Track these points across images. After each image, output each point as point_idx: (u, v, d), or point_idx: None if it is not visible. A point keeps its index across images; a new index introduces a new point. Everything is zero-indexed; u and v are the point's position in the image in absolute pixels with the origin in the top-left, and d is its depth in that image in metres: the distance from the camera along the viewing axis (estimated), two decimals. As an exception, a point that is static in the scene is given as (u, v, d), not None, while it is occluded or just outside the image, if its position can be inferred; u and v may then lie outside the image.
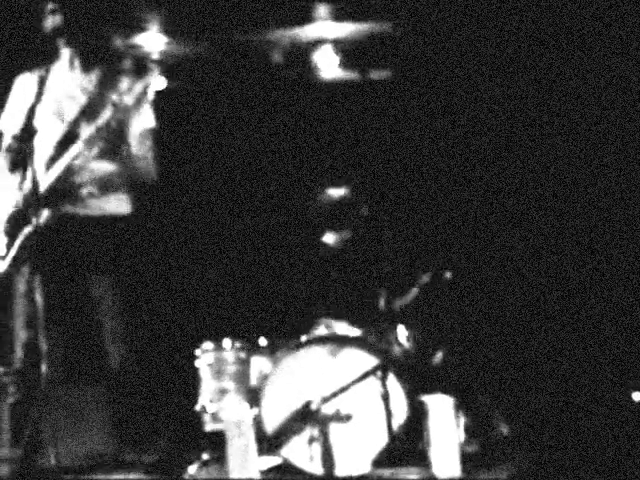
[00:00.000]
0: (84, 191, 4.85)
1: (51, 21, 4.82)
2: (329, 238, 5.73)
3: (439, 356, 5.43)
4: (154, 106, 4.95)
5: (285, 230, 7.04)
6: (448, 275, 5.49)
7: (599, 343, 6.43)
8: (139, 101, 4.70)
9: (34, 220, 4.60)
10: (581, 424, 5.38)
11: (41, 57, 4.90)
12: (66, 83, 4.99)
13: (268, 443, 4.93)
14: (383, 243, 5.77)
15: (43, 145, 4.87)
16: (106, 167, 4.90)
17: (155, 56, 4.93)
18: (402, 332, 5.51)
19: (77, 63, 5.00)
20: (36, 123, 4.88)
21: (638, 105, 6.55)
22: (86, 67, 5.00)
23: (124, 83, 4.79)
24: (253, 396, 5.09)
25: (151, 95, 4.87)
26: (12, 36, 5.48)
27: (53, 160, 4.82)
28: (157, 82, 4.95)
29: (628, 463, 4.64)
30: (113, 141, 4.82)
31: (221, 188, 7.38)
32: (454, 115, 7.13)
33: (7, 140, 5.09)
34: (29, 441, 4.66)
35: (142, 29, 4.98)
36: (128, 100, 4.66)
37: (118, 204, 4.97)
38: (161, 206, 6.79)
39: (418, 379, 5.15)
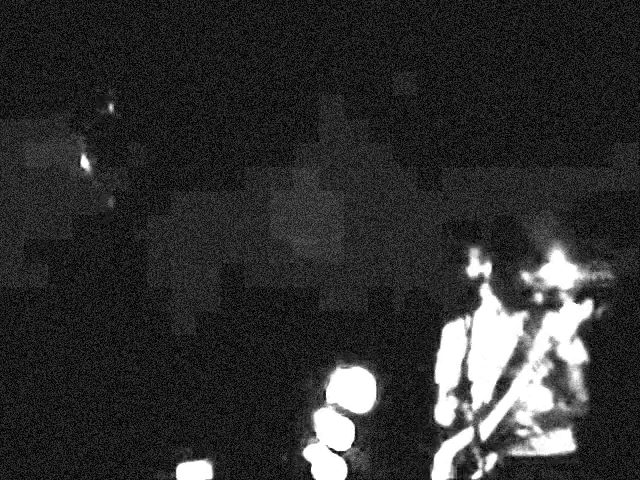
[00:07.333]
0: (526, 431, 4.73)
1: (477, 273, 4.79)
2: None
3: None
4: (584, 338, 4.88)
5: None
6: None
7: None
8: (573, 333, 4.65)
9: (481, 465, 4.59)
10: None
11: (465, 306, 4.84)
12: (492, 328, 4.89)
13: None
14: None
15: (479, 392, 4.78)
16: (545, 405, 4.76)
17: (565, 287, 4.84)
18: None
19: (502, 308, 4.91)
20: (470, 374, 4.78)
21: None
22: (511, 311, 4.91)
23: (551, 319, 4.73)
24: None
25: (582, 326, 4.71)
26: None
27: (491, 406, 4.73)
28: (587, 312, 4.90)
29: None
30: (552, 377, 4.73)
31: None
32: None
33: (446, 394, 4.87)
34: None
35: (546, 261, 4.91)
36: (562, 333, 4.65)
37: (562, 441, 4.78)
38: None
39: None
